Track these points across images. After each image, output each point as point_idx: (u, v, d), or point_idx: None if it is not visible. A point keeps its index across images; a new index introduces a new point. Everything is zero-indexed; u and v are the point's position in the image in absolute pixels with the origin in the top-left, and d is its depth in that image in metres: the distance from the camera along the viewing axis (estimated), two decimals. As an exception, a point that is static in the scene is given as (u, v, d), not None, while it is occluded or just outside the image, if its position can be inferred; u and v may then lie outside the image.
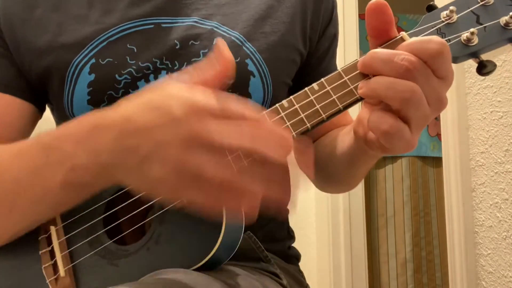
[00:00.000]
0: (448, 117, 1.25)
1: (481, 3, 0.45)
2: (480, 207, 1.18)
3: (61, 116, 0.63)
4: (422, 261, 2.33)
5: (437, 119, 2.40)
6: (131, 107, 0.39)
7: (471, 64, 1.25)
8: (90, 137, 0.41)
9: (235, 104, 0.37)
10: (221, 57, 0.41)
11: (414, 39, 0.42)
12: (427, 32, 0.46)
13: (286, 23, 0.64)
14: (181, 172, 0.35)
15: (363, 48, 2.31)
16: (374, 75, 0.43)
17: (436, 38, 0.41)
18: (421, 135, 2.38)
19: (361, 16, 2.22)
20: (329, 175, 0.69)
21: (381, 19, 0.44)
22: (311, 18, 0.67)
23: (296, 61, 0.66)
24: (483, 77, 1.16)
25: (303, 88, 0.51)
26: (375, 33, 0.45)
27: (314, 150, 0.71)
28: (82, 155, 0.41)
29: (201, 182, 0.35)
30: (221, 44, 0.42)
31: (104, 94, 0.58)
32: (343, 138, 0.59)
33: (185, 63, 0.59)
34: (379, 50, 0.43)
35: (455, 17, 0.45)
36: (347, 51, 1.80)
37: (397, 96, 0.40)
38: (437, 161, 2.37)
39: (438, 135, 2.34)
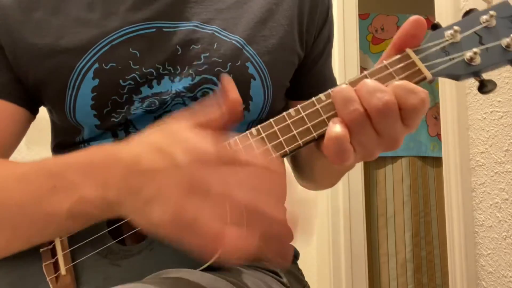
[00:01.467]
0: (448, 117, 1.25)
1: (483, 25, 0.47)
2: (480, 207, 1.18)
3: (61, 120, 0.63)
4: (422, 261, 2.33)
5: (437, 119, 2.41)
6: (140, 148, 0.40)
7: (471, 64, 1.25)
8: (99, 171, 0.42)
9: (240, 151, 0.38)
10: (227, 98, 0.42)
11: (402, 84, 0.43)
12: (432, 50, 0.47)
13: (284, 26, 0.65)
14: (179, 217, 0.36)
15: (363, 48, 2.32)
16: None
17: (421, 92, 0.42)
18: (421, 135, 2.38)
19: (361, 16, 2.22)
20: (304, 174, 0.71)
21: (417, 35, 0.46)
22: (307, 21, 0.67)
23: (294, 63, 0.67)
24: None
25: (296, 89, 0.52)
26: (400, 41, 0.47)
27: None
28: (90, 188, 0.42)
29: (197, 229, 0.36)
30: (227, 83, 0.43)
31: (108, 99, 0.58)
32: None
33: (186, 67, 0.59)
34: (368, 81, 0.44)
35: (459, 36, 0.47)
36: (347, 51, 1.80)
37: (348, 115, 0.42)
38: (437, 161, 2.37)
39: (438, 135, 2.34)
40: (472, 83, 1.19)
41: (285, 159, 0.73)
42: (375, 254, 2.34)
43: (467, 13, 0.49)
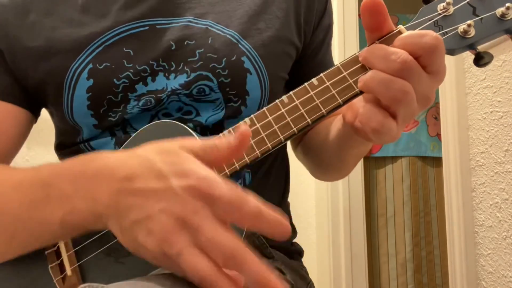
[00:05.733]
0: (448, 117, 1.25)
1: None
2: (480, 207, 1.18)
3: (61, 121, 0.63)
4: (422, 261, 2.33)
5: (437, 119, 2.41)
6: (135, 163, 0.38)
7: (471, 64, 1.25)
8: (90, 183, 0.40)
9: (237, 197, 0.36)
10: (237, 133, 0.40)
11: (410, 32, 0.42)
12: (424, 25, 0.46)
13: (280, 18, 0.64)
14: (163, 248, 0.35)
15: (363, 47, 2.31)
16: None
17: (431, 32, 0.41)
18: (421, 135, 2.38)
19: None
20: (320, 162, 0.70)
21: (376, 19, 0.44)
22: (305, 11, 0.67)
23: (291, 55, 0.66)
24: (483, 77, 1.16)
25: (299, 80, 0.51)
26: (370, 30, 0.45)
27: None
28: (80, 201, 0.40)
29: (179, 264, 0.35)
30: (243, 127, 0.40)
31: (103, 99, 0.58)
32: (335, 124, 0.60)
33: (181, 63, 0.59)
34: (377, 45, 0.43)
35: (451, 9, 0.46)
36: (347, 51, 1.80)
37: (389, 94, 0.41)
38: (437, 161, 2.37)
39: (438, 135, 2.34)
40: (472, 83, 1.19)
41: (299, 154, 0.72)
42: (375, 254, 2.34)
43: None
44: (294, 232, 0.72)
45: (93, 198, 0.39)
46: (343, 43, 1.80)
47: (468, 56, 1.22)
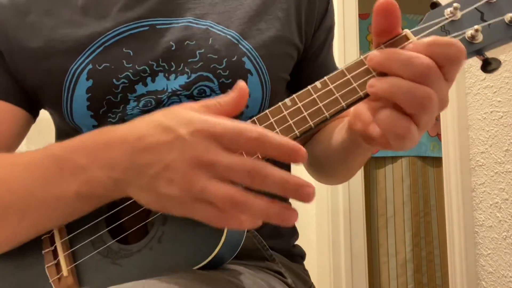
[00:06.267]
0: (448, 117, 1.25)
1: (485, 0, 0.44)
2: (480, 207, 1.18)
3: (62, 122, 0.63)
4: (422, 261, 2.33)
5: (437, 119, 2.41)
6: (143, 126, 0.42)
7: (471, 64, 1.25)
8: (104, 152, 0.43)
9: (239, 128, 0.38)
10: (236, 88, 0.43)
11: (434, 40, 0.41)
12: (431, 29, 0.45)
13: (281, 19, 0.64)
14: (187, 190, 0.38)
15: (363, 48, 2.31)
16: (381, 73, 0.42)
17: (457, 42, 0.40)
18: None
19: (361, 16, 2.22)
20: (324, 169, 0.69)
21: (389, 20, 0.43)
22: (306, 12, 0.67)
23: (292, 56, 0.66)
24: (483, 77, 1.16)
25: (301, 82, 0.52)
26: (380, 32, 0.44)
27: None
28: (97, 169, 0.43)
29: (205, 200, 0.37)
30: (240, 82, 0.44)
31: (103, 99, 0.58)
32: (338, 133, 0.59)
33: (182, 64, 0.58)
34: (393, 50, 0.42)
35: (459, 14, 0.45)
36: (347, 51, 1.80)
37: (415, 102, 0.40)
38: (437, 161, 2.37)
39: (438, 135, 2.34)
40: (472, 83, 1.19)
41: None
42: (375, 254, 2.34)
43: None
44: (295, 232, 0.72)
45: (110, 165, 0.42)
46: (343, 43, 1.80)
47: (468, 56, 1.21)
